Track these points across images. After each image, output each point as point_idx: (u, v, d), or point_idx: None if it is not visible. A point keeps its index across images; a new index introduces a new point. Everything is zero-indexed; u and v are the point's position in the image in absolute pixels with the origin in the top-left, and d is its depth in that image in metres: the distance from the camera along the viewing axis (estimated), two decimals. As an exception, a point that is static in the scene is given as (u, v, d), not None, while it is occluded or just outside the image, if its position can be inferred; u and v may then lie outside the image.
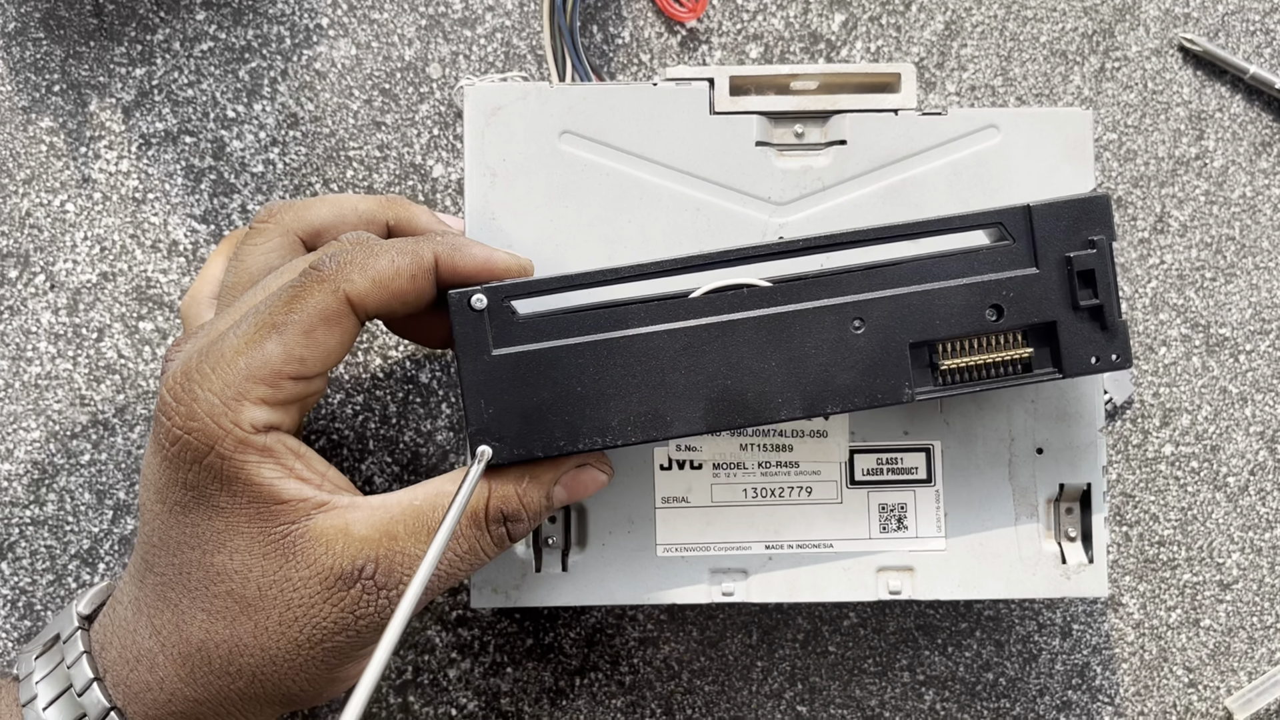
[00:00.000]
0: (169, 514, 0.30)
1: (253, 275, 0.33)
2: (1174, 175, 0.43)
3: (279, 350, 0.29)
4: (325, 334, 0.30)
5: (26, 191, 0.41)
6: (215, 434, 0.29)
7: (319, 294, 0.30)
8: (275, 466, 0.30)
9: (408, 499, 0.31)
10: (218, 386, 0.29)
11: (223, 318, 0.32)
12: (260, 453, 0.30)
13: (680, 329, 0.31)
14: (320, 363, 0.30)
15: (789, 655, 0.42)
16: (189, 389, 0.30)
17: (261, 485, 0.30)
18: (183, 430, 0.30)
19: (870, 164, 0.35)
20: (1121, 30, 0.43)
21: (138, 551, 0.32)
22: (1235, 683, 0.43)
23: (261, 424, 0.30)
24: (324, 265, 0.30)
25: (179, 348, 0.32)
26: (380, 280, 0.30)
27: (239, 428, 0.29)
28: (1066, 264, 0.32)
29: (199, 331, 0.32)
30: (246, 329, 0.30)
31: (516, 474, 0.32)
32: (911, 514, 0.36)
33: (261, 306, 0.30)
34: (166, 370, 0.31)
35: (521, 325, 0.31)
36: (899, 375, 0.32)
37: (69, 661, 0.31)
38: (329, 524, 0.30)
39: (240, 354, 0.29)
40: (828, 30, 0.42)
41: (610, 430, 0.31)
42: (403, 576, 0.30)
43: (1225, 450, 0.43)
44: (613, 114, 0.35)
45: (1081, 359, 0.32)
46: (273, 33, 0.41)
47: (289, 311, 0.30)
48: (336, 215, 0.35)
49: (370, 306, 0.30)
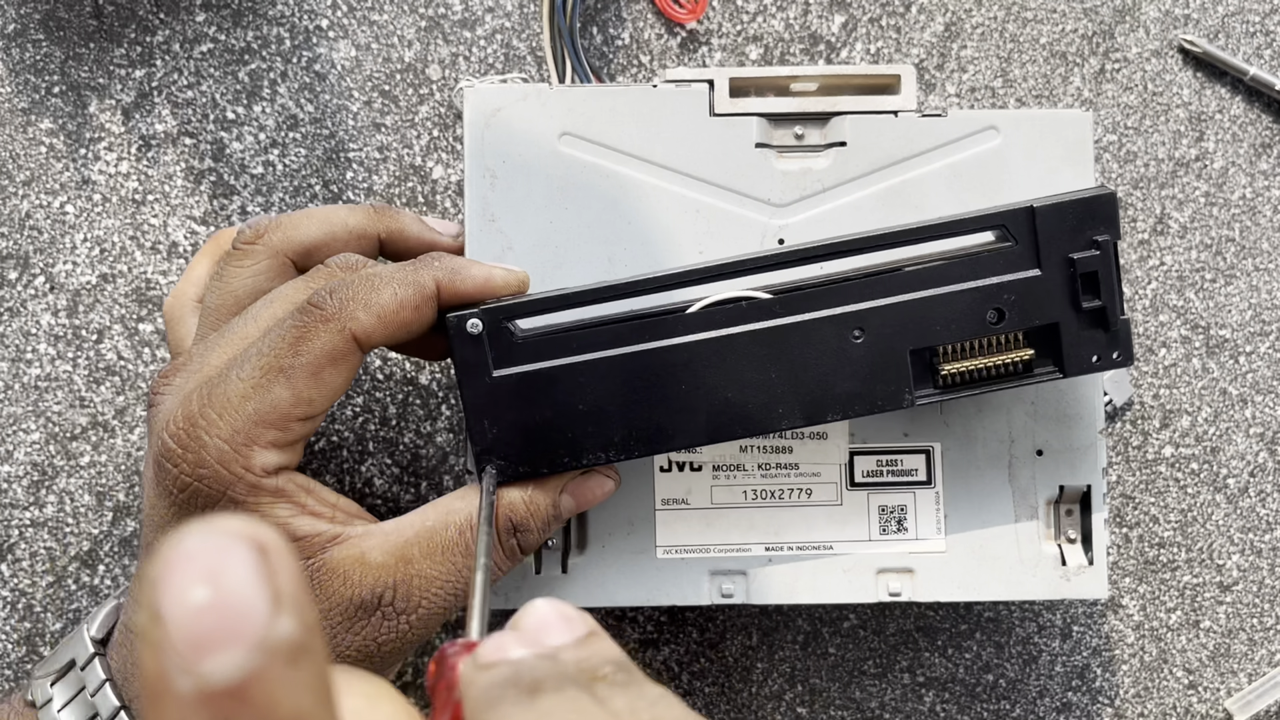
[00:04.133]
0: None
1: (239, 298, 0.33)
2: (1174, 177, 0.43)
3: (288, 394, 0.29)
4: (333, 374, 0.30)
5: (26, 193, 0.41)
6: (227, 480, 0.29)
7: (325, 335, 0.29)
8: (288, 505, 0.30)
9: (419, 521, 0.31)
10: (226, 433, 0.29)
11: (213, 350, 0.31)
12: (273, 495, 0.30)
13: (680, 344, 0.31)
14: (327, 401, 0.30)
15: (789, 657, 0.42)
16: (195, 435, 0.29)
17: (276, 526, 0.30)
18: (192, 478, 0.29)
19: (870, 166, 0.35)
20: (1121, 32, 0.43)
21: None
22: (1235, 684, 0.43)
23: (272, 467, 0.30)
24: (326, 303, 0.30)
25: (168, 381, 0.31)
26: (385, 315, 0.30)
27: (251, 473, 0.29)
28: (1069, 265, 0.32)
29: (188, 364, 0.31)
30: (251, 371, 0.29)
31: (522, 484, 0.32)
32: (911, 516, 0.36)
33: (264, 347, 0.30)
34: (158, 406, 0.31)
35: (521, 345, 0.31)
36: (899, 381, 0.32)
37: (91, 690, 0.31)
38: (345, 555, 0.30)
39: (247, 399, 0.29)
40: (827, 32, 0.42)
41: (613, 445, 0.31)
42: (421, 599, 0.30)
43: (1225, 452, 0.43)
44: (612, 116, 0.35)
45: (1083, 358, 0.32)
46: (272, 34, 0.41)
47: (295, 354, 0.29)
48: (326, 233, 0.34)
49: (375, 341, 0.30)
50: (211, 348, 0.31)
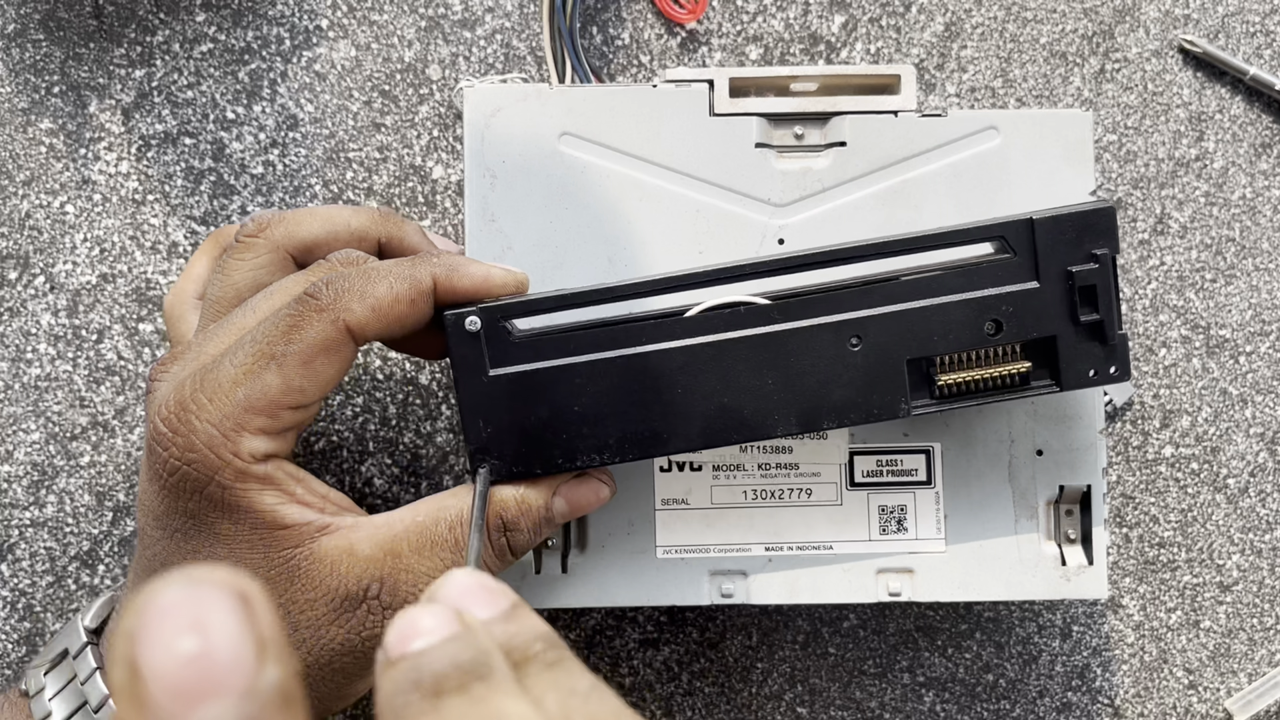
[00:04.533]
0: (170, 540, 0.30)
1: (240, 291, 0.33)
2: (1174, 177, 0.43)
3: (278, 382, 0.29)
4: (324, 364, 0.30)
5: (26, 193, 0.41)
6: (215, 465, 0.29)
7: (318, 324, 0.29)
8: (276, 493, 0.30)
9: (410, 516, 0.31)
10: (215, 417, 0.29)
11: (211, 339, 0.31)
12: (261, 481, 0.30)
13: (677, 348, 0.31)
14: (319, 391, 0.30)
15: (789, 657, 0.42)
16: (185, 419, 0.29)
17: (264, 512, 0.30)
18: (181, 461, 0.29)
19: (870, 166, 0.35)
20: (1121, 32, 0.43)
21: (138, 574, 0.31)
22: (1235, 684, 0.43)
23: (261, 453, 0.30)
24: (321, 294, 0.30)
25: (165, 368, 0.31)
26: (379, 308, 0.30)
27: (239, 458, 0.29)
28: (1068, 278, 0.32)
29: (186, 352, 0.31)
30: (244, 358, 0.29)
31: (515, 484, 0.32)
32: (911, 516, 0.36)
33: (258, 335, 0.30)
34: (154, 392, 0.31)
35: (518, 345, 0.31)
36: (896, 391, 0.32)
37: (82, 678, 0.31)
38: (333, 545, 0.30)
39: (238, 385, 0.29)
40: (827, 32, 0.42)
41: (608, 448, 0.31)
42: (408, 594, 0.30)
43: (1225, 452, 0.43)
44: (612, 116, 0.35)
45: (1080, 373, 0.32)
46: (272, 34, 0.41)
47: (288, 342, 0.29)
48: (328, 231, 0.34)
49: (370, 334, 0.30)
50: (210, 337, 0.31)
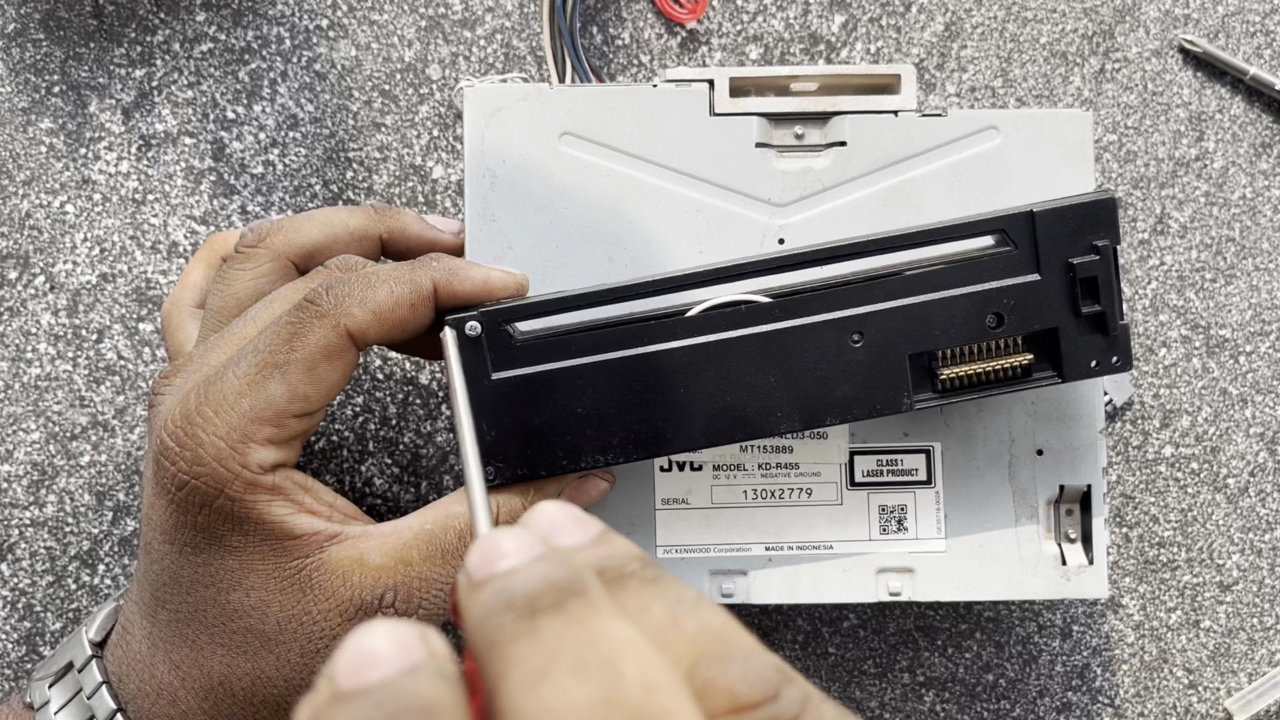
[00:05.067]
0: (179, 554, 0.30)
1: (241, 301, 0.33)
2: (1174, 176, 0.43)
3: (283, 390, 0.29)
4: (328, 370, 0.30)
5: (26, 193, 0.41)
6: (224, 477, 0.29)
7: (319, 330, 0.29)
8: (285, 503, 0.30)
9: (418, 523, 0.31)
10: (222, 430, 0.29)
11: (213, 350, 0.31)
12: (270, 492, 0.30)
13: (679, 347, 0.31)
14: (323, 398, 0.30)
15: (789, 656, 0.42)
16: (191, 433, 0.29)
17: (273, 523, 0.30)
18: (189, 475, 0.29)
19: (870, 165, 0.35)
20: (1121, 31, 0.43)
21: (144, 586, 0.31)
22: (1235, 684, 0.43)
23: (269, 464, 0.30)
24: (321, 300, 0.30)
25: (168, 381, 0.31)
26: (380, 312, 0.30)
27: (247, 470, 0.29)
28: (1069, 270, 0.32)
29: (188, 364, 0.31)
30: (247, 368, 0.29)
31: (521, 489, 0.32)
32: (911, 515, 0.36)
33: (260, 344, 0.30)
34: (158, 406, 0.31)
35: (519, 348, 0.31)
36: (898, 386, 0.32)
37: (88, 692, 0.31)
38: (343, 555, 0.30)
39: (243, 395, 0.29)
40: (828, 31, 0.42)
41: (611, 449, 0.31)
42: (421, 602, 0.30)
43: (1225, 452, 0.43)
44: (613, 115, 0.35)
45: (1082, 363, 0.32)
46: (272, 34, 0.41)
47: (290, 350, 0.29)
48: (327, 235, 0.34)
49: (371, 338, 0.30)
50: (212, 348, 0.31)
